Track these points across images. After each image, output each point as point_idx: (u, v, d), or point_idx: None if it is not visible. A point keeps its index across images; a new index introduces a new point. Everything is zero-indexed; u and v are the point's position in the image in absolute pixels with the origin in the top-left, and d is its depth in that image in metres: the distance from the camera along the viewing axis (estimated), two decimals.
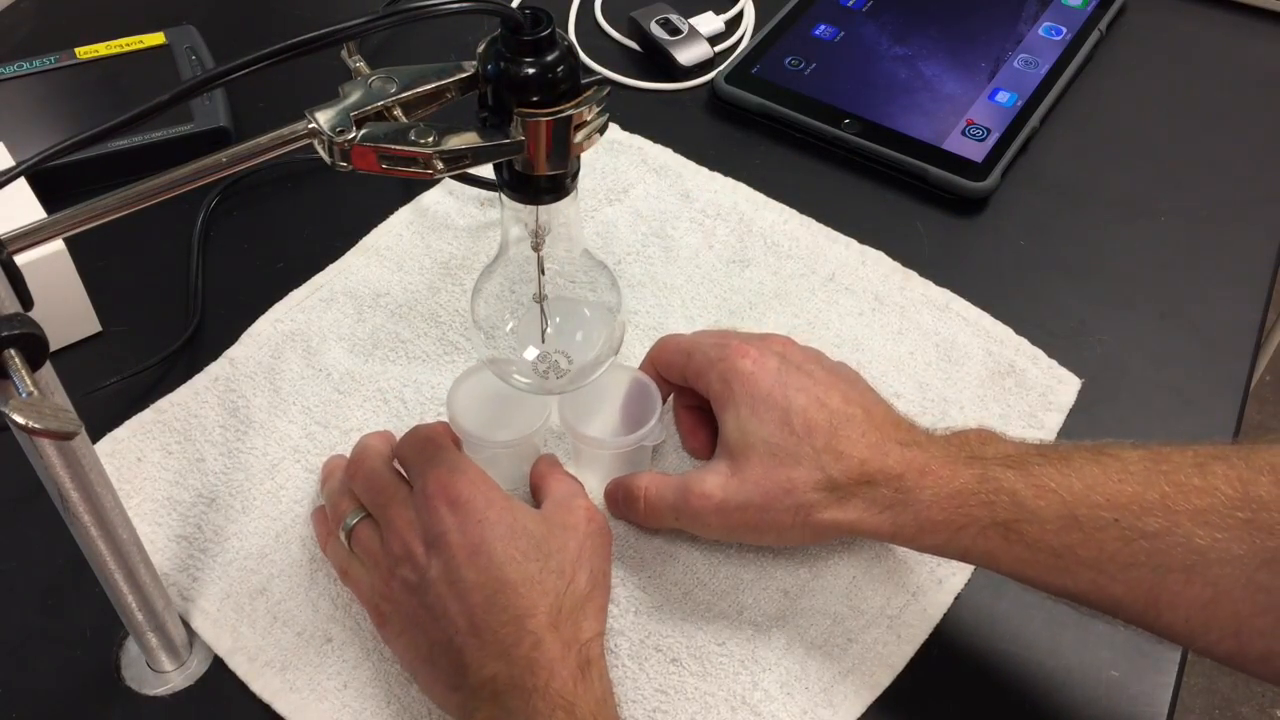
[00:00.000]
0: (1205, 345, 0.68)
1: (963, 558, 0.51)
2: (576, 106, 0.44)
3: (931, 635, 0.56)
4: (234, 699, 0.54)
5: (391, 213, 0.76)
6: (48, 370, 0.40)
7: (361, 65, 0.45)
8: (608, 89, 0.46)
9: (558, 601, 0.50)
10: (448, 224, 0.75)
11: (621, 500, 0.58)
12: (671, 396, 0.63)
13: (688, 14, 0.88)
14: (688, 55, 0.85)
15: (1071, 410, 0.65)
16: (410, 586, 0.51)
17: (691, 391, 0.60)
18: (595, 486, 0.61)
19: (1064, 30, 0.86)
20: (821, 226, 0.74)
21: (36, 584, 0.58)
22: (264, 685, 0.54)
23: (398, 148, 0.43)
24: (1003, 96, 0.81)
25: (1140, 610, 0.47)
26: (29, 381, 0.36)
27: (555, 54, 0.44)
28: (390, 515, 0.53)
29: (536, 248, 0.53)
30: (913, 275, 0.71)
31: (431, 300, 0.70)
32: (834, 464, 0.52)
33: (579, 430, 0.59)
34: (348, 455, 0.59)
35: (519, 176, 0.48)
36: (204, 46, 0.83)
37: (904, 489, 0.51)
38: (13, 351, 0.37)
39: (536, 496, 0.58)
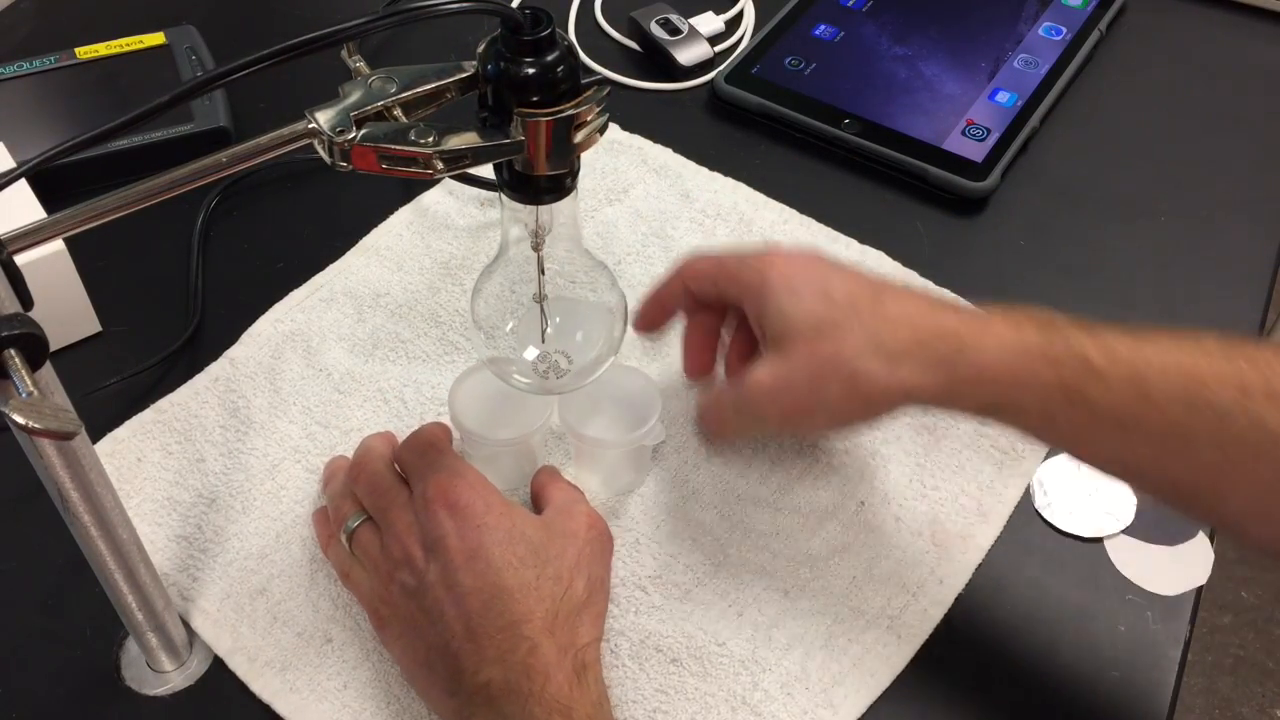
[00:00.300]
0: None
1: (1016, 419, 0.49)
2: (576, 106, 0.44)
3: (931, 635, 0.56)
4: (234, 699, 0.54)
5: (391, 213, 0.76)
6: (48, 370, 0.40)
7: (361, 65, 0.45)
8: (608, 89, 0.46)
9: (554, 607, 0.50)
10: (448, 224, 0.75)
11: (700, 417, 0.61)
12: (684, 331, 0.62)
13: (688, 14, 0.88)
14: (688, 55, 0.85)
15: None
16: (409, 590, 0.51)
17: (708, 315, 0.59)
18: (596, 487, 0.61)
19: (1064, 30, 0.86)
20: (821, 226, 0.74)
21: (36, 584, 0.58)
22: (264, 685, 0.54)
23: (398, 148, 0.43)
24: (1003, 96, 0.81)
25: (1199, 493, 0.45)
26: (29, 381, 0.36)
27: (555, 54, 0.44)
28: (391, 519, 0.53)
29: (536, 248, 0.53)
30: (913, 275, 0.71)
31: (431, 300, 0.70)
32: (882, 327, 0.50)
33: (579, 430, 0.59)
34: (349, 456, 0.59)
35: (519, 176, 0.48)
36: (204, 46, 0.83)
37: (962, 345, 0.49)
38: (13, 351, 0.37)
39: (538, 504, 0.58)
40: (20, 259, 0.38)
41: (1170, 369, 0.45)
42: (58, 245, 0.65)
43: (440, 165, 0.43)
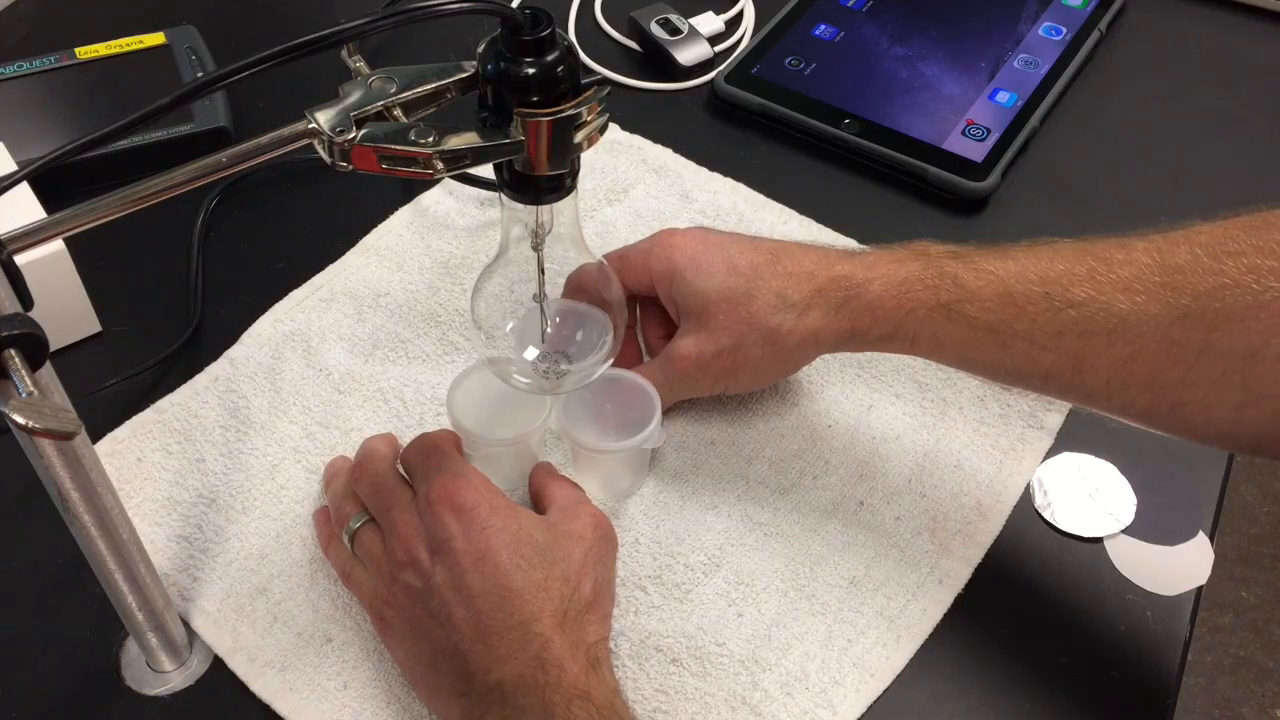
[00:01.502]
0: None
1: (911, 346, 0.55)
2: (577, 106, 0.44)
3: (931, 635, 0.56)
4: (234, 699, 0.54)
5: (391, 213, 0.76)
6: (48, 370, 0.40)
7: (361, 65, 0.45)
8: (608, 89, 0.46)
9: (563, 607, 0.50)
10: (448, 224, 0.75)
11: None
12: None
13: (688, 14, 0.88)
14: (688, 55, 0.85)
15: (1071, 410, 0.65)
16: (414, 593, 0.51)
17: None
18: (595, 492, 0.61)
19: (1064, 30, 0.86)
20: (821, 226, 0.74)
21: (36, 584, 0.58)
22: (264, 685, 0.54)
23: (398, 148, 0.43)
24: (1003, 96, 0.81)
25: (1067, 377, 0.51)
26: (29, 381, 0.36)
27: (555, 54, 0.44)
28: (394, 520, 0.53)
29: (536, 248, 0.53)
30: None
31: (431, 300, 0.70)
32: (785, 284, 0.56)
33: (578, 436, 0.59)
34: (350, 456, 0.59)
35: (519, 176, 0.48)
36: (204, 46, 0.83)
37: (854, 286, 0.55)
38: (13, 351, 0.37)
39: (538, 504, 0.58)
40: (20, 259, 0.38)
41: (1032, 276, 0.51)
42: (58, 245, 0.65)
43: (440, 165, 0.43)
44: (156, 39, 0.84)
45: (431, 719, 0.53)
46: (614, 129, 0.81)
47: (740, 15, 0.91)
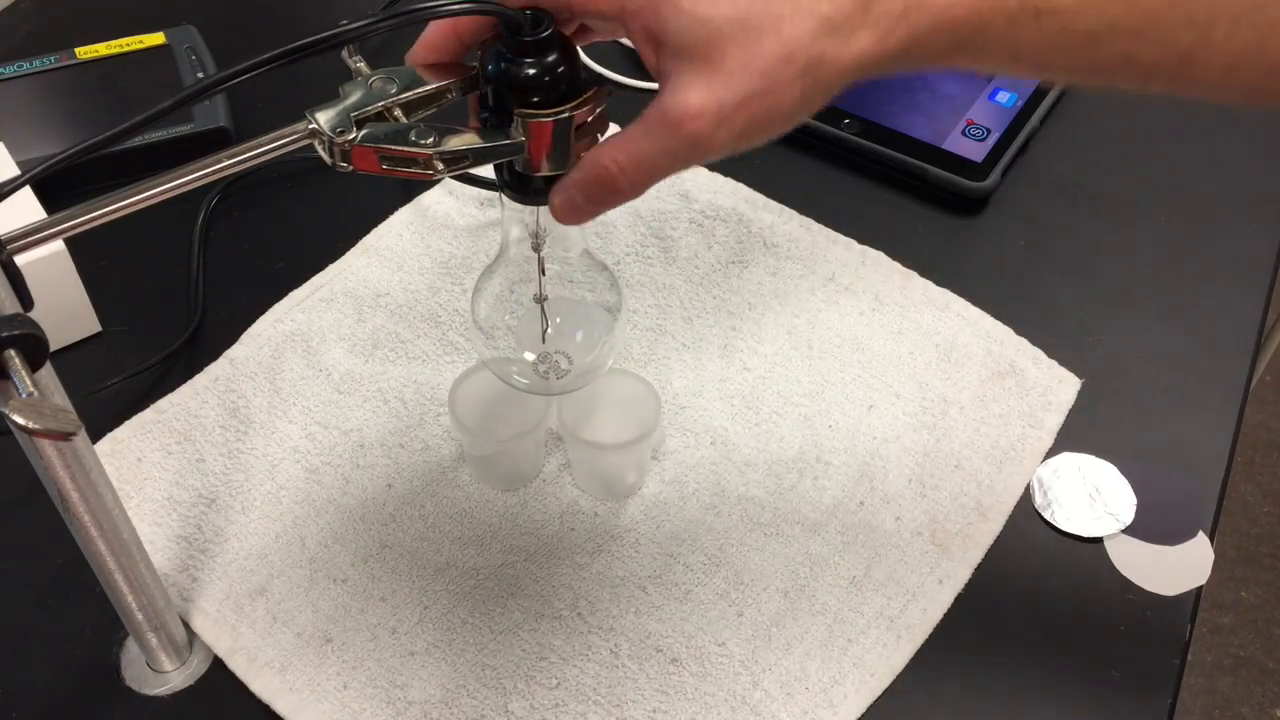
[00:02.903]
0: (1205, 345, 0.68)
1: (977, 59, 0.45)
2: (577, 107, 0.44)
3: (931, 635, 0.56)
4: (234, 699, 0.54)
5: (391, 213, 0.76)
6: (47, 370, 0.40)
7: (362, 65, 0.45)
8: (608, 90, 0.46)
9: None
10: (448, 224, 0.75)
11: (591, 194, 0.46)
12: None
13: None
14: None
15: (1072, 410, 0.65)
16: None
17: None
18: (596, 491, 0.61)
19: None
20: (821, 227, 0.74)
21: (36, 584, 0.58)
22: (264, 685, 0.54)
23: (398, 148, 0.43)
24: (1003, 96, 0.81)
25: (1173, 71, 0.44)
26: (29, 382, 0.36)
27: (555, 55, 0.44)
28: None
29: (536, 248, 0.53)
30: (913, 275, 0.71)
31: (431, 300, 0.70)
32: (822, 2, 0.43)
33: (579, 435, 0.59)
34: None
35: (519, 177, 0.47)
36: (204, 47, 0.83)
37: None
38: (13, 351, 0.37)
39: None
40: (20, 259, 0.38)
41: None
42: (58, 245, 0.65)
43: (440, 166, 0.43)
44: (156, 39, 0.84)
45: (430, 719, 0.53)
46: (614, 129, 0.80)
47: None
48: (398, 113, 0.44)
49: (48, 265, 0.65)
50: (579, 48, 0.46)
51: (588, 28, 0.47)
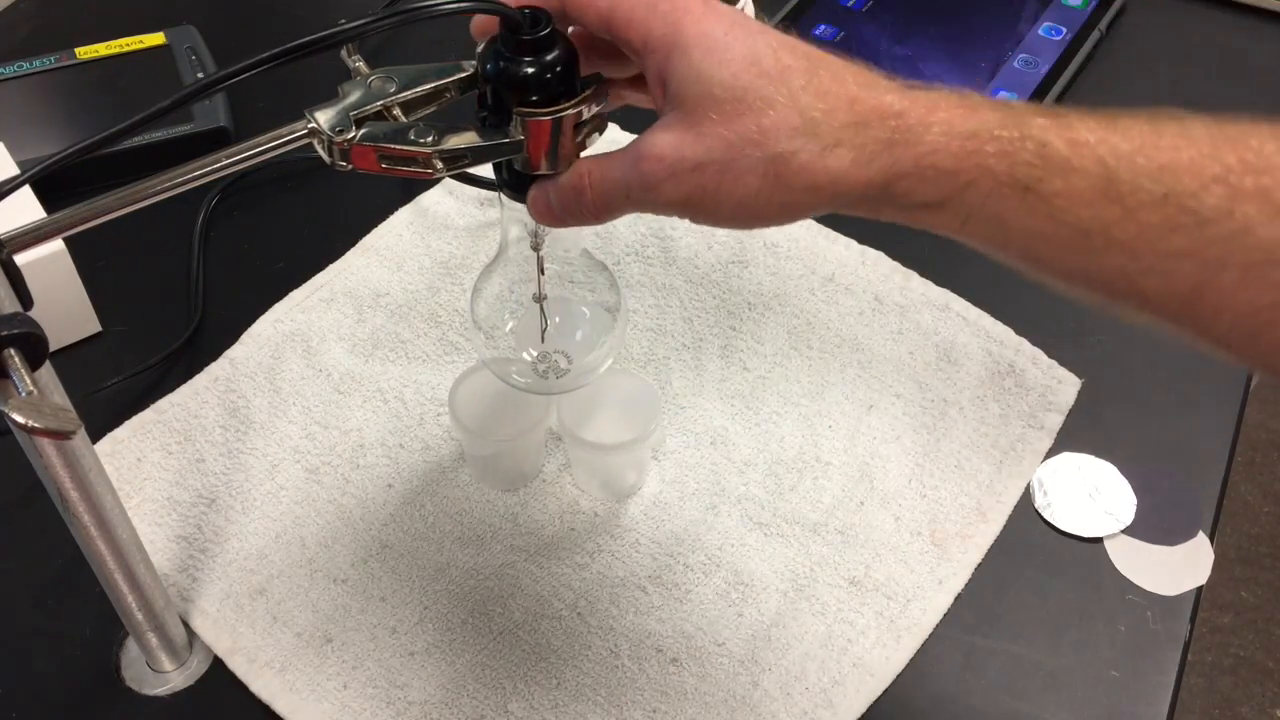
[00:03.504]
0: None
1: (962, 226, 0.42)
2: (576, 106, 0.44)
3: (931, 635, 0.56)
4: (233, 699, 0.54)
5: (391, 213, 0.76)
6: (47, 370, 0.40)
7: (361, 65, 0.45)
8: (607, 88, 0.46)
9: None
10: (448, 224, 0.75)
11: (563, 200, 0.46)
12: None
13: None
14: None
15: (1071, 410, 0.65)
16: None
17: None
18: (596, 491, 0.61)
19: (1064, 30, 0.86)
20: (821, 227, 0.74)
21: (36, 584, 0.58)
22: (263, 685, 0.54)
23: (397, 147, 0.43)
24: (1003, 96, 0.81)
25: (1175, 308, 0.39)
26: (29, 381, 0.36)
27: (554, 54, 0.44)
28: None
29: (536, 248, 0.53)
30: (913, 275, 0.71)
31: (431, 300, 0.70)
32: (816, 104, 0.41)
33: (579, 435, 0.59)
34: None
35: (518, 176, 0.47)
36: (204, 46, 0.83)
37: (905, 127, 0.41)
38: (13, 351, 0.37)
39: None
40: (20, 259, 0.38)
41: (1146, 164, 0.38)
42: (58, 245, 0.65)
43: (440, 165, 0.43)
44: (156, 39, 0.84)
45: (430, 719, 0.53)
46: (614, 129, 0.80)
47: None
48: (397, 112, 0.44)
49: (48, 265, 0.65)
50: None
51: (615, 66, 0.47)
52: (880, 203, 0.42)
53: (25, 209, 0.65)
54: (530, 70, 0.43)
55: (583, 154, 0.47)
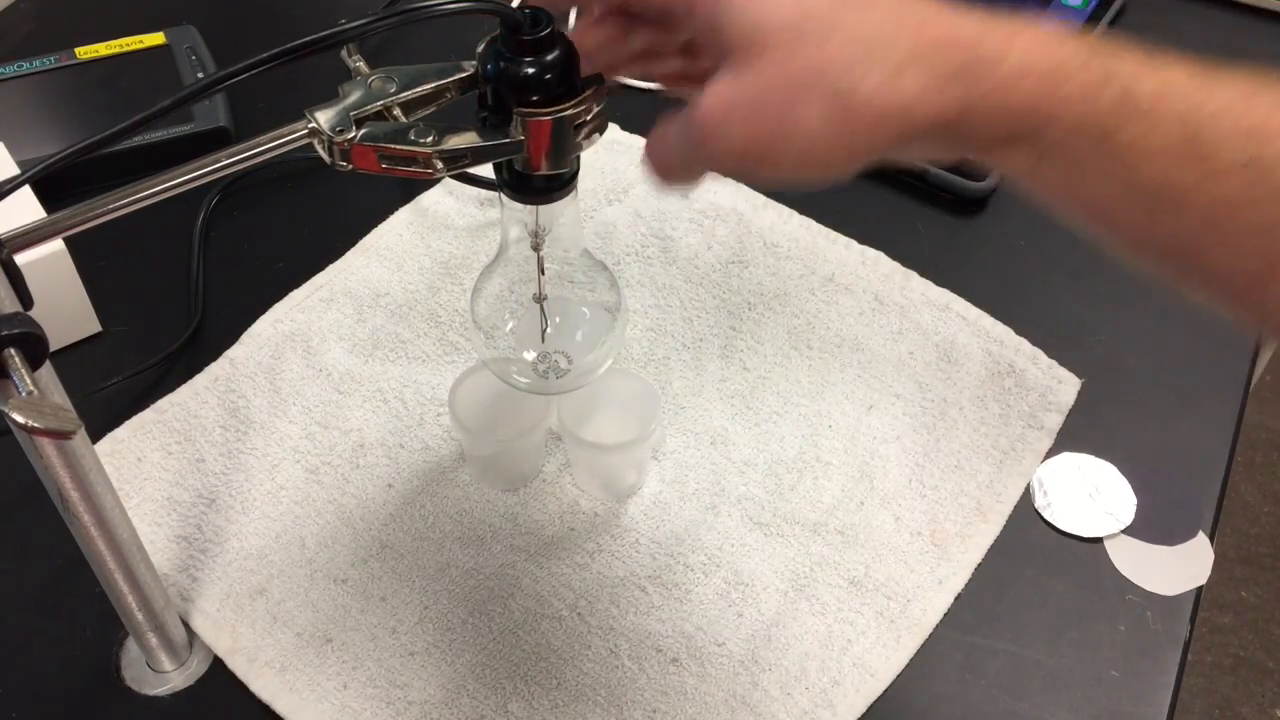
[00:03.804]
0: (1205, 345, 0.68)
1: (1034, 169, 0.39)
2: (576, 106, 0.44)
3: (931, 635, 0.56)
4: (233, 699, 0.54)
5: (391, 213, 0.76)
6: (47, 370, 0.40)
7: (361, 65, 0.45)
8: (607, 87, 0.46)
9: None
10: (448, 224, 0.75)
11: (651, 159, 0.44)
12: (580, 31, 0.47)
13: None
14: None
15: (1071, 410, 0.65)
16: None
17: (616, 24, 0.46)
18: (596, 491, 0.61)
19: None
20: (821, 227, 0.74)
21: (36, 584, 0.58)
22: (263, 685, 0.54)
23: (397, 147, 0.43)
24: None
25: (1243, 287, 0.36)
26: (29, 381, 0.36)
27: (555, 54, 0.44)
28: None
29: (536, 248, 0.53)
30: (913, 275, 0.71)
31: (431, 300, 0.70)
32: (878, 30, 0.38)
33: (579, 435, 0.59)
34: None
35: (518, 176, 0.47)
36: (204, 46, 0.83)
37: (980, 55, 0.37)
38: (13, 351, 0.37)
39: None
40: (20, 259, 0.38)
41: (1234, 124, 0.35)
42: (58, 245, 0.65)
43: (440, 165, 0.43)
44: (156, 39, 0.84)
45: (430, 719, 0.53)
46: (614, 129, 0.81)
47: None
48: (397, 112, 0.44)
49: (48, 265, 0.65)
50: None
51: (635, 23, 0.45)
52: (951, 138, 0.39)
53: (25, 209, 0.65)
54: (531, 70, 0.43)
55: (582, 154, 0.47)
